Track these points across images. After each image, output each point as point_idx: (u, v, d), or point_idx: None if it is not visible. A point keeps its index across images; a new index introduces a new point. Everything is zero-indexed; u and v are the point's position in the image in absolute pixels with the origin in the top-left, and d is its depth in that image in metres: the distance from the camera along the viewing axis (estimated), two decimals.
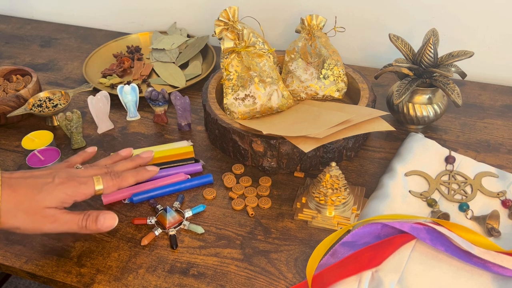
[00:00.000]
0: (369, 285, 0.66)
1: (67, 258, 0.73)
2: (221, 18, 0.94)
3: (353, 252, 0.69)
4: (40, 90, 1.02)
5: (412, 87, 0.87)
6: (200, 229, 0.76)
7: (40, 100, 0.97)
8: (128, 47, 1.22)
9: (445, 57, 0.88)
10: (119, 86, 0.98)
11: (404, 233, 0.70)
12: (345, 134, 0.79)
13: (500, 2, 1.01)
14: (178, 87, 1.07)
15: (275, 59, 1.02)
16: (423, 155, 0.86)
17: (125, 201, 0.81)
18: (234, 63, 0.89)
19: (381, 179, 0.82)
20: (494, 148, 0.90)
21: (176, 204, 0.80)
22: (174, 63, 1.16)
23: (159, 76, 1.12)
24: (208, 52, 1.18)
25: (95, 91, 1.05)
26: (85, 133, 0.96)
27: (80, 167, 0.73)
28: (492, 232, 0.73)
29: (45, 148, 0.86)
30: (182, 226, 0.77)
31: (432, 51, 0.86)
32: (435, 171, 0.84)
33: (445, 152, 0.87)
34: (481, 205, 0.78)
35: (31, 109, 0.95)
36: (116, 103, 1.01)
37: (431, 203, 0.77)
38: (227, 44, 0.88)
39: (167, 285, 0.69)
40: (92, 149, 0.79)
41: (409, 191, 0.80)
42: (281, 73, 1.01)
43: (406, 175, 0.82)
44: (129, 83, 1.08)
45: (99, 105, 0.94)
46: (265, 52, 0.93)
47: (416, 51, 0.90)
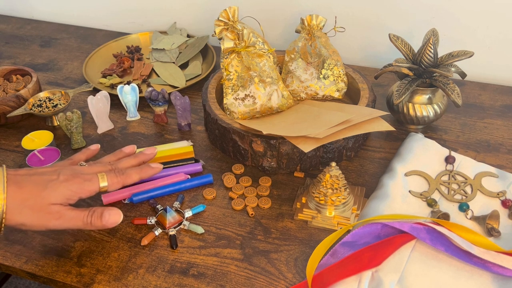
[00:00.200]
0: (369, 285, 0.66)
1: (67, 258, 0.73)
2: (221, 18, 0.94)
3: (353, 252, 0.69)
4: (40, 90, 1.02)
5: (412, 87, 0.87)
6: (200, 229, 0.76)
7: (40, 100, 0.97)
8: (128, 47, 1.22)
9: (445, 57, 0.88)
10: (119, 86, 0.98)
11: (404, 233, 0.70)
12: (345, 134, 0.79)
13: (500, 2, 1.01)
14: (178, 87, 1.07)
15: (275, 59, 1.02)
16: (423, 155, 0.86)
17: (125, 201, 0.81)
18: (234, 63, 0.89)
19: (381, 179, 0.82)
20: (494, 148, 0.90)
21: (176, 204, 0.80)
22: (174, 63, 1.16)
23: (159, 76, 1.12)
24: (208, 52, 1.18)
25: (95, 91, 1.05)
26: (85, 133, 0.96)
27: (84, 164, 0.73)
28: (492, 232, 0.73)
29: (45, 148, 0.86)
30: (182, 226, 0.77)
31: (432, 51, 0.86)
32: (435, 171, 0.84)
33: (445, 152, 0.87)
34: (481, 205, 0.78)
35: (31, 109, 0.95)
36: (116, 103, 1.01)
37: (431, 203, 0.77)
38: (227, 44, 0.88)
39: (167, 285, 0.69)
40: (95, 147, 0.79)
41: (409, 191, 0.80)
42: (281, 73, 1.01)
43: (406, 175, 0.82)
44: (129, 83, 1.08)
45: (99, 105, 0.94)
46: (265, 52, 0.93)
47: (416, 51, 0.90)
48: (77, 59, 1.21)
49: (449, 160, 0.85)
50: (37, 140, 0.88)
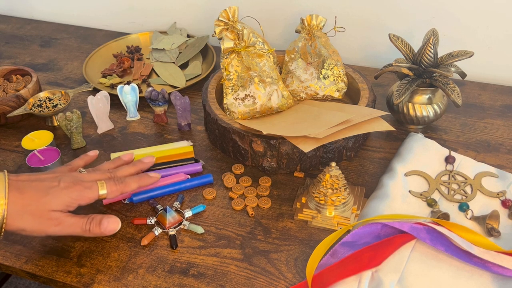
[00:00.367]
0: (369, 285, 0.66)
1: (67, 258, 0.73)
2: (221, 18, 0.94)
3: (353, 252, 0.69)
4: (40, 90, 1.02)
5: (412, 87, 0.87)
6: (200, 229, 0.76)
7: (40, 100, 0.97)
8: (128, 47, 1.22)
9: (445, 57, 0.88)
10: (119, 86, 0.98)
11: (404, 233, 0.70)
12: (345, 134, 0.79)
13: (500, 2, 1.01)
14: (178, 87, 1.07)
15: (275, 59, 1.02)
16: (423, 155, 0.86)
17: (125, 201, 0.81)
18: (234, 63, 0.89)
19: (381, 179, 0.82)
20: (494, 148, 0.90)
21: (176, 204, 0.80)
22: (174, 63, 1.16)
23: (159, 76, 1.12)
24: (208, 52, 1.18)
25: (95, 91, 1.05)
26: (85, 133, 0.96)
27: (83, 171, 0.74)
28: (492, 232, 0.73)
29: (45, 148, 0.86)
30: (182, 226, 0.77)
31: (432, 51, 0.86)
32: (435, 171, 0.84)
33: (445, 152, 0.87)
34: (481, 205, 0.78)
35: (31, 109, 0.95)
36: (116, 103, 1.01)
37: (431, 203, 0.77)
38: (227, 44, 0.88)
39: (167, 285, 0.69)
40: (93, 153, 0.80)
41: (409, 191, 0.80)
42: (281, 73, 1.01)
43: (406, 175, 0.82)
44: (129, 83, 1.08)
45: (99, 105, 0.94)
46: (265, 52, 0.93)
47: (416, 51, 0.90)
48: (77, 59, 1.21)
49: (449, 160, 0.85)
50: (37, 140, 0.88)
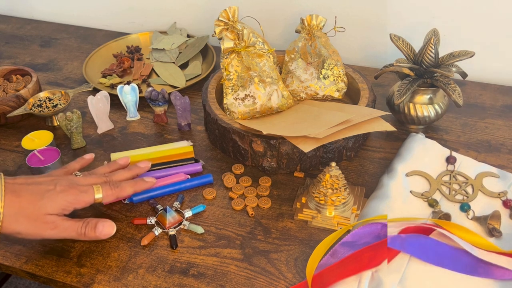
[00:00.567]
0: (369, 285, 0.66)
1: (67, 258, 0.73)
2: (221, 18, 0.94)
3: (353, 252, 0.69)
4: (40, 90, 1.02)
5: (413, 87, 0.87)
6: (200, 229, 0.75)
7: (40, 100, 0.97)
8: (128, 47, 1.22)
9: (446, 57, 0.88)
10: (119, 86, 0.98)
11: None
12: (345, 134, 0.79)
13: (500, 2, 1.01)
14: (178, 87, 1.06)
15: (275, 59, 1.01)
16: (424, 155, 0.86)
17: (125, 201, 0.81)
18: (234, 63, 0.89)
19: (381, 179, 0.82)
20: (495, 148, 0.90)
21: (176, 204, 0.80)
22: (174, 63, 1.16)
23: (159, 76, 1.12)
24: (208, 52, 1.18)
25: (95, 91, 1.04)
26: (85, 133, 0.96)
27: (79, 174, 0.75)
28: (493, 232, 0.72)
29: (45, 148, 0.86)
30: (182, 226, 0.76)
31: (433, 51, 0.86)
32: (436, 171, 0.83)
33: (446, 152, 0.87)
34: (482, 205, 0.78)
35: (31, 109, 0.95)
36: (116, 103, 1.01)
37: (432, 203, 0.77)
38: (227, 44, 0.88)
39: (167, 285, 0.69)
40: (89, 156, 0.81)
41: (410, 191, 0.80)
42: (281, 73, 1.01)
43: (407, 175, 0.82)
44: (129, 83, 1.08)
45: (99, 105, 0.94)
46: (265, 52, 0.93)
47: (417, 51, 0.90)
48: (77, 59, 1.21)
49: (450, 160, 0.84)
50: (37, 140, 0.88)
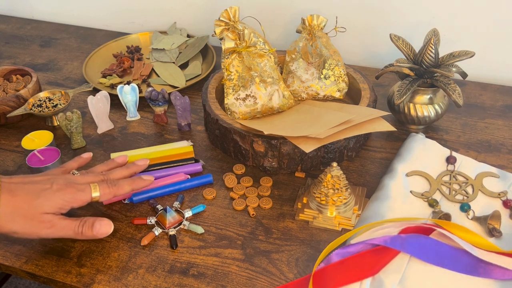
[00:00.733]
0: (370, 285, 0.66)
1: (67, 258, 0.72)
2: (222, 18, 0.94)
3: (354, 255, 0.69)
4: (40, 90, 1.02)
5: (413, 87, 0.87)
6: (200, 229, 0.75)
7: (40, 100, 0.97)
8: (128, 47, 1.22)
9: (446, 57, 0.88)
10: (119, 86, 0.98)
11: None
12: (346, 134, 0.79)
13: (500, 2, 1.01)
14: (178, 87, 1.06)
15: (276, 59, 1.01)
16: (424, 155, 0.86)
17: (125, 201, 0.81)
18: (235, 63, 0.89)
19: (382, 180, 0.82)
20: (495, 148, 0.90)
21: (176, 204, 0.80)
22: (174, 63, 1.16)
23: (159, 76, 1.12)
24: (208, 52, 1.18)
25: (95, 91, 1.04)
26: (85, 133, 0.96)
27: (77, 173, 0.74)
28: (493, 232, 0.72)
29: (45, 148, 0.86)
30: (182, 226, 0.76)
31: (433, 51, 0.86)
32: (436, 171, 0.83)
33: (446, 152, 0.87)
34: (482, 205, 0.78)
35: (31, 109, 0.95)
36: (116, 103, 1.01)
37: (432, 203, 0.77)
38: (228, 44, 0.88)
39: (167, 285, 0.69)
40: (87, 155, 0.80)
41: (410, 192, 0.80)
42: (282, 73, 1.01)
43: (407, 175, 0.82)
44: (129, 83, 1.08)
45: (99, 105, 0.94)
46: (266, 52, 0.93)
47: (417, 51, 0.90)
48: (77, 59, 1.21)
49: (450, 160, 0.84)
50: (37, 140, 0.88)
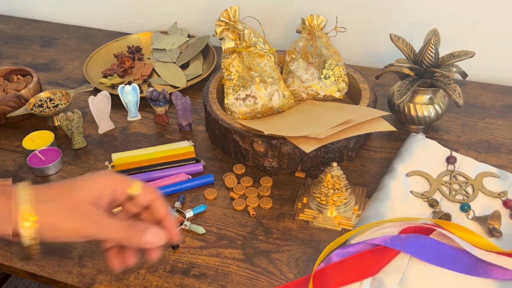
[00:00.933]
0: (370, 285, 0.66)
1: (68, 258, 0.73)
2: (222, 18, 0.94)
3: (354, 255, 0.69)
4: (41, 90, 1.02)
5: (413, 87, 0.87)
6: (201, 229, 0.76)
7: (41, 100, 0.97)
8: (128, 47, 1.22)
9: (446, 57, 0.88)
10: (120, 86, 0.98)
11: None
12: (346, 134, 0.79)
13: (500, 2, 1.01)
14: (179, 87, 1.06)
15: (276, 59, 1.01)
16: (424, 155, 0.86)
17: None
18: (235, 63, 0.89)
19: (382, 180, 0.82)
20: (495, 148, 0.90)
21: (177, 204, 0.80)
22: (175, 63, 1.16)
23: (160, 76, 1.12)
24: (208, 52, 1.18)
25: (96, 91, 1.04)
26: (86, 133, 0.96)
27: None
28: (493, 232, 0.73)
29: (46, 148, 0.86)
30: (183, 226, 0.76)
31: (433, 51, 0.86)
32: (436, 171, 0.84)
33: (446, 152, 0.87)
34: (482, 205, 0.78)
35: (31, 109, 0.95)
36: (116, 103, 1.01)
37: (433, 203, 0.77)
38: (228, 44, 0.88)
39: (168, 285, 0.69)
40: None
41: (411, 192, 0.80)
42: (282, 73, 1.01)
43: (407, 175, 0.82)
44: (130, 83, 1.08)
45: (100, 105, 0.94)
46: (266, 52, 0.93)
47: (417, 51, 0.90)
48: (78, 59, 1.21)
49: (450, 160, 0.85)
50: (38, 140, 0.88)
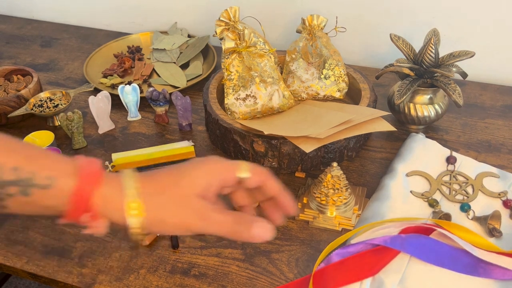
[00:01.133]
0: (370, 286, 0.66)
1: (68, 258, 0.73)
2: (222, 18, 0.94)
3: (354, 255, 0.69)
4: (41, 90, 1.02)
5: (413, 87, 0.87)
6: None
7: (41, 100, 0.97)
8: (128, 47, 1.22)
9: (446, 57, 0.88)
10: (120, 86, 0.98)
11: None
12: (346, 134, 0.79)
13: (500, 2, 1.01)
14: (179, 87, 1.06)
15: (276, 59, 1.01)
16: (424, 155, 0.86)
17: None
18: (235, 63, 0.89)
19: (382, 180, 0.82)
20: (495, 148, 0.90)
21: None
22: (175, 63, 1.16)
23: (160, 76, 1.12)
24: (209, 52, 1.18)
25: (96, 91, 1.04)
26: (86, 133, 0.96)
27: None
28: (493, 232, 0.73)
29: (46, 148, 0.86)
30: None
31: (433, 51, 0.86)
32: (436, 171, 0.84)
33: (446, 152, 0.87)
34: (482, 205, 0.78)
35: (32, 109, 0.95)
36: (117, 103, 1.01)
37: (433, 203, 0.77)
38: (228, 44, 0.88)
39: (168, 285, 0.69)
40: None
41: (411, 192, 0.80)
42: (282, 73, 1.01)
43: (407, 175, 0.82)
44: (130, 83, 1.08)
45: (100, 105, 0.94)
46: (266, 52, 0.93)
47: (417, 51, 0.90)
48: (78, 59, 1.21)
49: (450, 160, 0.85)
50: (38, 140, 0.88)
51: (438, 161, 0.85)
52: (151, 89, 0.95)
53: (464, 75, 0.90)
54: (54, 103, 0.96)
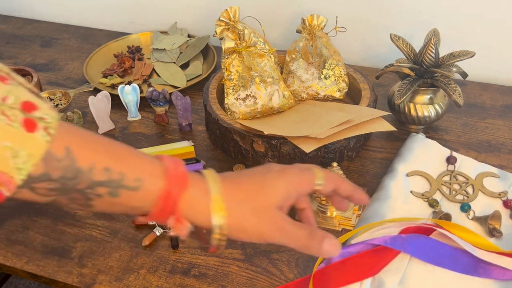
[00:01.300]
0: (370, 286, 0.66)
1: (68, 259, 0.73)
2: (222, 18, 0.94)
3: (354, 255, 0.69)
4: (41, 90, 1.02)
5: (414, 87, 0.87)
6: None
7: None
8: (128, 47, 1.22)
9: (446, 57, 0.88)
10: (120, 86, 0.98)
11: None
12: (346, 134, 0.79)
13: (500, 2, 1.01)
14: (179, 87, 1.06)
15: (276, 59, 1.01)
16: (424, 155, 0.86)
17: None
18: (235, 63, 0.89)
19: (383, 180, 0.82)
20: (495, 148, 0.90)
21: None
22: (175, 63, 1.16)
23: (160, 76, 1.12)
24: (209, 52, 1.18)
25: (96, 91, 1.04)
26: None
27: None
28: (494, 232, 0.73)
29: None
30: None
31: (434, 51, 0.86)
32: (436, 171, 0.84)
33: (446, 152, 0.87)
34: (482, 205, 0.78)
35: None
36: (117, 103, 1.01)
37: (433, 203, 0.77)
38: (228, 44, 0.88)
39: (168, 285, 0.69)
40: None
41: (411, 192, 0.80)
42: (282, 73, 1.01)
43: (408, 175, 0.82)
44: (130, 83, 1.08)
45: (100, 105, 0.94)
46: (266, 52, 0.93)
47: (417, 51, 0.90)
48: (78, 59, 1.21)
49: (450, 160, 0.85)
50: None
51: (438, 161, 0.85)
52: (151, 89, 0.95)
53: (464, 75, 0.90)
54: (54, 103, 0.96)
